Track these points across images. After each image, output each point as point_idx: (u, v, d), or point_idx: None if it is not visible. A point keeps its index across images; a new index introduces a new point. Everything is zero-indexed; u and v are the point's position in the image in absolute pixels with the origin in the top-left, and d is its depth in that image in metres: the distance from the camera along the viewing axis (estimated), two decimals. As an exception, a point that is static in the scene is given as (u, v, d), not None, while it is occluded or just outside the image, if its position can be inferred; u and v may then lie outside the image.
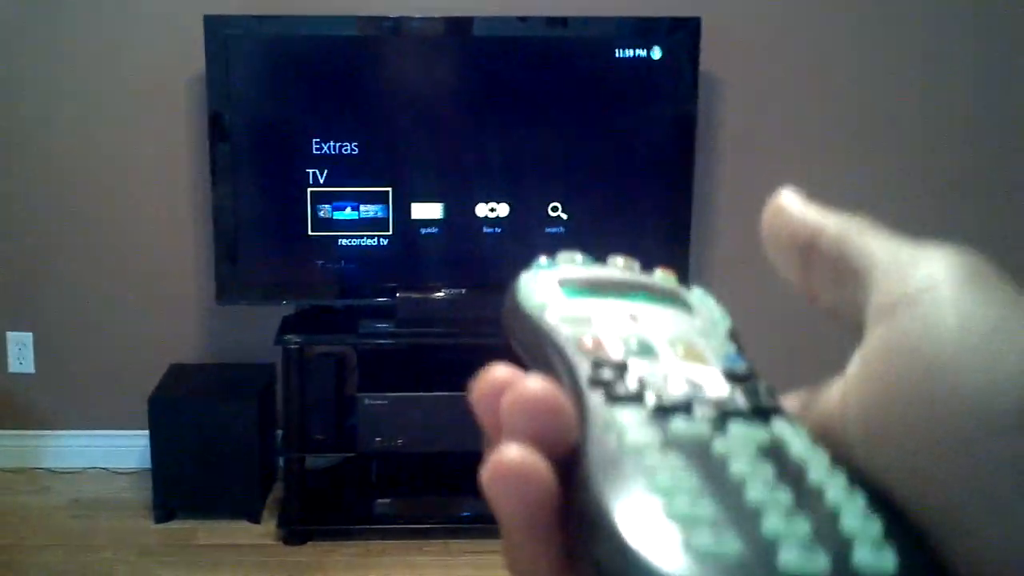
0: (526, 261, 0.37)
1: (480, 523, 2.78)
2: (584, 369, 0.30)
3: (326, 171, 2.77)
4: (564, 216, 2.81)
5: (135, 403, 2.92)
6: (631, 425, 0.27)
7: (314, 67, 2.81)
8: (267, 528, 2.86)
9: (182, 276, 3.07)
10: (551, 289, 0.35)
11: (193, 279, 3.06)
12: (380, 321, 2.78)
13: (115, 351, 3.12)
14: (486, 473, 0.28)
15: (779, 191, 0.35)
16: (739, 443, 0.27)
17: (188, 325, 3.10)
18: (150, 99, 2.98)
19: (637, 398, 0.29)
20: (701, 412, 0.28)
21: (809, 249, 0.33)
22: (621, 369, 0.30)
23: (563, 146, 2.83)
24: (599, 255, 0.40)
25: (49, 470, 3.16)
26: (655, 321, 0.34)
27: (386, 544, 2.78)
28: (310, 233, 2.80)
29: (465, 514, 2.83)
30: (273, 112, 2.84)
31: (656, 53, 2.74)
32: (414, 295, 2.79)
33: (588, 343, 0.32)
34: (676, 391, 0.29)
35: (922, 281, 0.28)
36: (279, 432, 2.97)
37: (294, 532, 2.79)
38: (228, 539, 2.82)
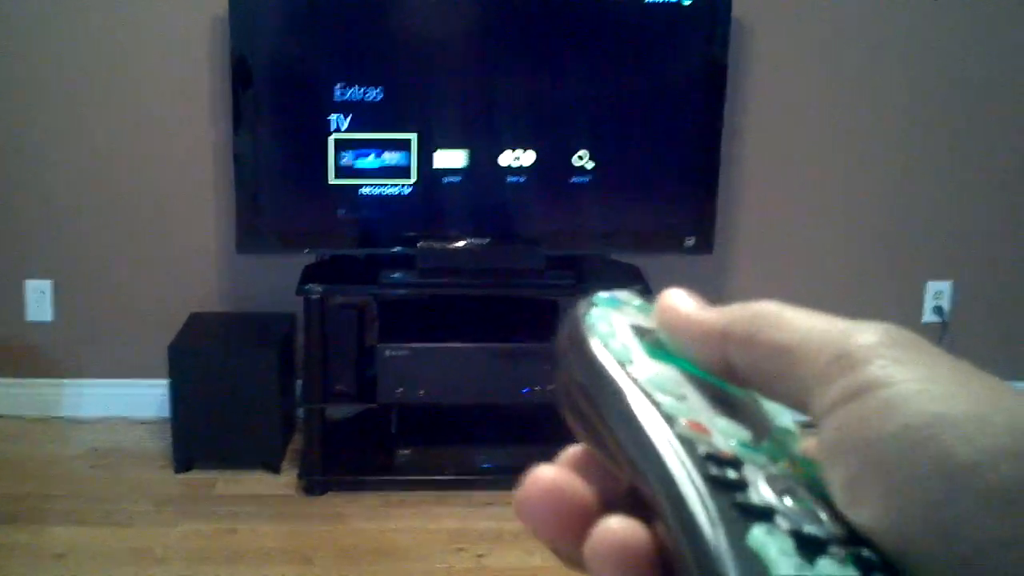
0: (551, 211, 0.32)
1: (499, 474, 2.76)
2: (690, 458, 0.27)
3: (349, 117, 2.72)
4: (589, 166, 2.76)
5: (155, 352, 2.90)
6: (779, 558, 0.24)
7: (338, 11, 2.75)
8: (287, 479, 2.84)
9: (202, 224, 3.04)
10: (628, 338, 0.32)
11: (214, 227, 3.03)
12: (401, 271, 2.74)
13: (135, 299, 3.09)
14: (587, 549, 0.28)
15: (665, 293, 0.33)
16: None
17: (208, 274, 3.08)
18: (171, 42, 2.94)
19: (768, 515, 0.26)
20: (836, 553, 0.25)
21: (724, 340, 0.31)
22: (737, 467, 0.27)
23: (590, 94, 2.77)
24: (627, 208, 0.35)
25: (68, 419, 3.15)
26: (748, 414, 0.31)
27: (406, 495, 2.75)
28: (331, 181, 2.76)
29: (485, 465, 2.81)
30: (296, 57, 2.79)
31: (686, -1, 2.68)
32: (435, 245, 2.75)
33: (692, 425, 0.28)
34: (810, 521, 0.26)
35: (871, 353, 0.27)
36: (299, 382, 2.95)
37: (314, 483, 2.77)
38: (247, 489, 2.80)
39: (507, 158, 2.75)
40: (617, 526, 0.27)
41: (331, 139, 2.73)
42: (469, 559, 2.53)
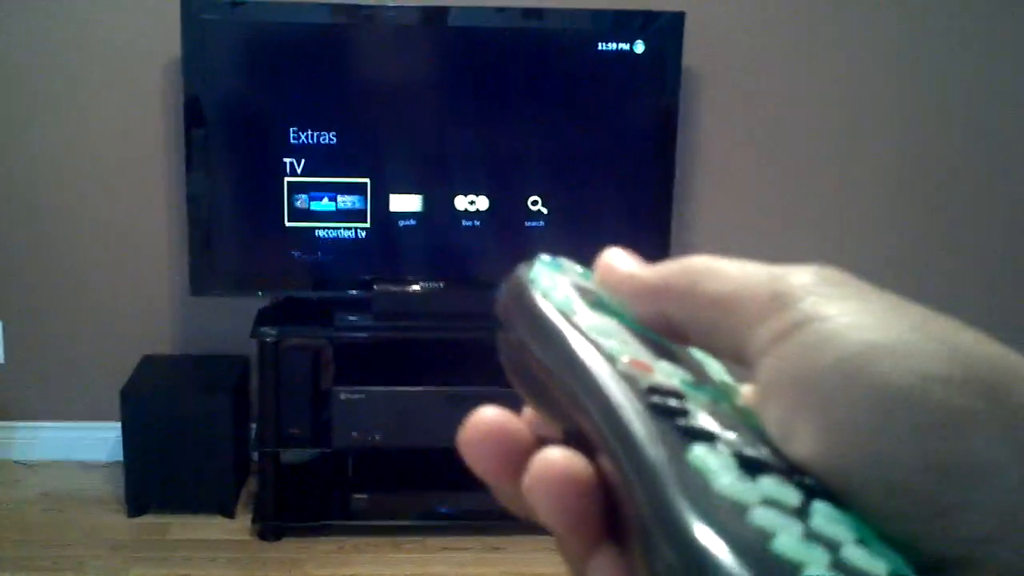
0: (505, 255, 0.34)
1: (457, 519, 2.77)
2: (631, 389, 0.27)
3: (303, 161, 2.73)
4: (544, 210, 2.78)
5: (107, 395, 2.88)
6: (719, 470, 0.25)
7: (291, 55, 2.76)
8: (241, 523, 2.83)
9: (156, 266, 3.03)
10: (570, 292, 0.32)
11: (166, 269, 3.02)
12: (357, 314, 2.75)
13: (87, 341, 3.07)
14: (527, 478, 0.27)
15: (604, 252, 0.34)
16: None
17: (161, 316, 3.06)
18: (124, 85, 2.93)
19: (710, 438, 0.26)
20: (778, 475, 0.26)
21: (661, 295, 0.32)
22: (680, 398, 0.28)
23: (544, 139, 2.80)
24: (581, 254, 0.38)
25: (19, 462, 3.11)
26: (689, 363, 0.31)
27: (362, 540, 2.75)
28: (286, 224, 2.76)
29: (442, 510, 2.81)
30: (249, 100, 2.79)
31: (639, 47, 2.71)
32: (391, 288, 2.76)
33: (634, 363, 0.29)
34: (751, 447, 0.26)
35: (803, 291, 0.28)
36: (253, 426, 2.94)
37: (269, 527, 2.76)
38: (202, 534, 2.79)
39: (462, 202, 2.77)
40: (557, 455, 0.27)
41: (285, 182, 2.74)
42: (426, 605, 2.53)
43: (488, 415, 0.30)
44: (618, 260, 0.34)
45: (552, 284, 0.32)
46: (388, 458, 2.91)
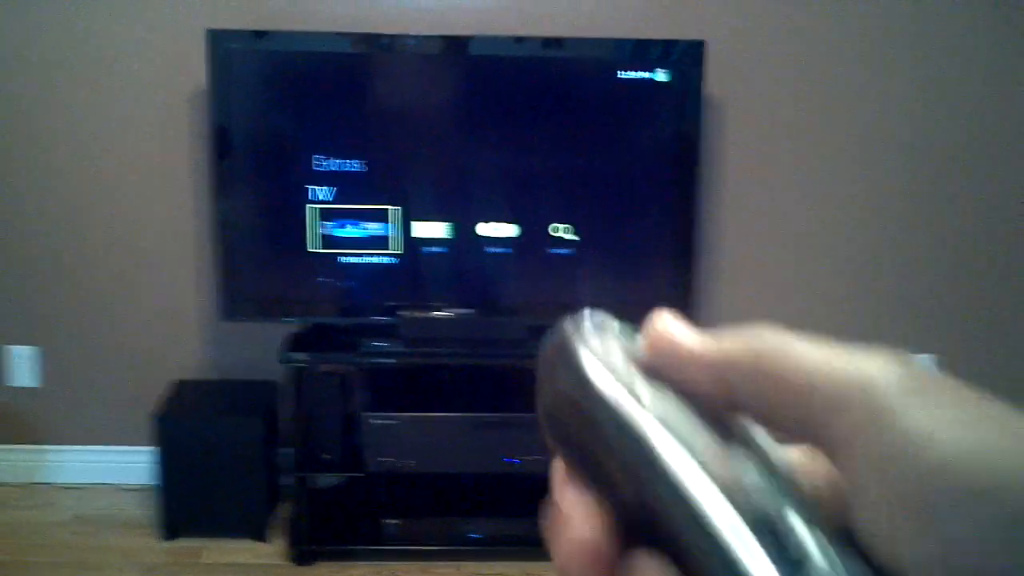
0: (531, 282, 0.33)
1: (487, 545, 2.81)
2: (720, 492, 0.27)
3: (329, 188, 2.77)
4: (569, 237, 2.82)
5: (140, 419, 2.93)
6: None
7: (315, 83, 2.80)
8: (273, 547, 2.87)
9: (186, 292, 3.07)
10: (623, 360, 0.31)
11: (196, 295, 3.06)
12: (384, 340, 2.79)
13: (119, 366, 3.12)
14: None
15: (658, 315, 0.32)
16: None
17: (192, 341, 3.11)
18: (152, 114, 2.97)
19: (798, 567, 0.26)
20: None
21: (726, 371, 0.30)
22: (775, 510, 0.27)
23: (568, 167, 2.84)
24: (607, 280, 0.35)
25: (53, 485, 3.16)
26: (750, 445, 0.30)
27: (395, 565, 2.79)
28: (312, 250, 2.80)
29: (474, 535, 2.85)
30: (275, 128, 2.83)
31: (660, 75, 2.75)
32: (418, 314, 2.80)
33: (710, 452, 0.28)
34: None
35: (885, 382, 0.27)
36: (283, 450, 2.98)
37: (303, 552, 2.80)
38: (234, 558, 2.83)
39: (487, 229, 2.81)
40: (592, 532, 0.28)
41: (310, 209, 2.78)
42: (458, 629, 2.58)
43: (586, 535, 0.29)
44: (674, 328, 0.32)
45: (603, 348, 0.31)
46: (419, 483, 2.96)
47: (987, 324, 3.20)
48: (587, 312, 0.33)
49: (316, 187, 2.77)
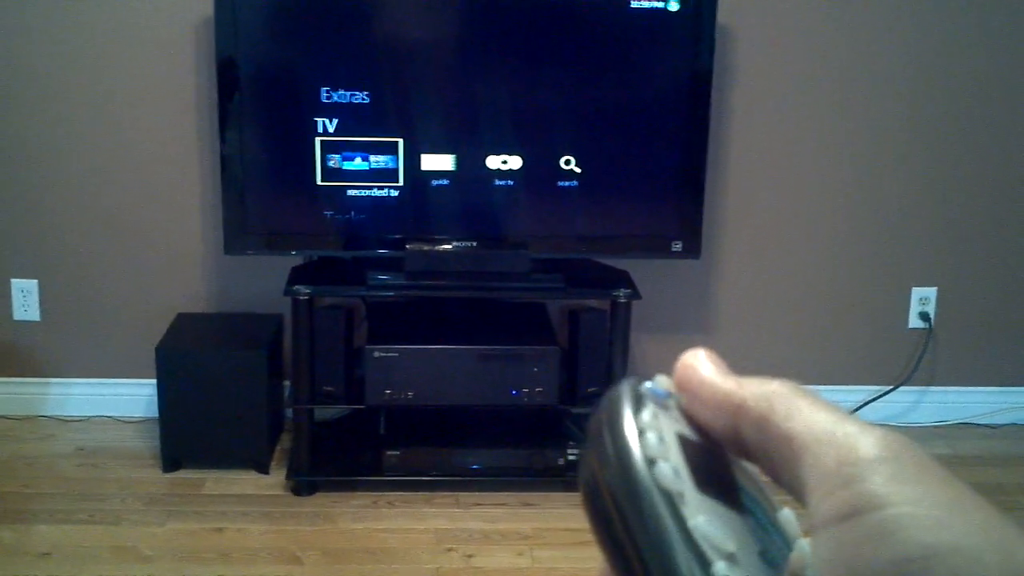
0: (538, 214, 0.33)
1: (488, 475, 2.79)
2: None
3: (335, 121, 2.74)
4: (577, 170, 2.78)
5: (142, 352, 2.92)
6: None
7: (324, 14, 2.76)
8: (275, 479, 2.86)
9: (190, 225, 3.05)
10: (676, 457, 0.31)
11: (201, 228, 3.04)
12: (389, 273, 2.76)
13: (122, 300, 3.10)
14: None
15: (690, 353, 0.34)
16: None
17: (195, 274, 3.09)
18: (157, 44, 2.94)
19: None
20: None
21: (738, 415, 0.32)
22: None
23: (576, 98, 2.80)
24: (613, 212, 0.35)
25: (55, 418, 3.15)
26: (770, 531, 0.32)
27: (395, 496, 2.78)
28: (319, 183, 2.77)
29: (473, 466, 2.83)
30: (282, 59, 2.80)
31: (673, 5, 2.70)
32: (423, 247, 2.77)
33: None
34: None
35: (870, 469, 0.28)
36: (287, 383, 2.96)
37: (302, 483, 2.79)
38: (236, 489, 2.82)
39: (494, 162, 2.78)
40: None
41: (318, 141, 2.75)
42: (458, 559, 2.55)
43: None
44: (701, 364, 0.33)
45: (657, 442, 0.30)
46: (420, 415, 2.93)
47: (986, 258, 3.18)
48: (644, 385, 0.33)
49: (323, 119, 2.74)
